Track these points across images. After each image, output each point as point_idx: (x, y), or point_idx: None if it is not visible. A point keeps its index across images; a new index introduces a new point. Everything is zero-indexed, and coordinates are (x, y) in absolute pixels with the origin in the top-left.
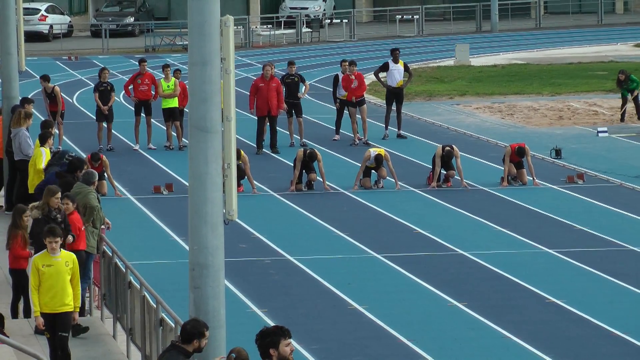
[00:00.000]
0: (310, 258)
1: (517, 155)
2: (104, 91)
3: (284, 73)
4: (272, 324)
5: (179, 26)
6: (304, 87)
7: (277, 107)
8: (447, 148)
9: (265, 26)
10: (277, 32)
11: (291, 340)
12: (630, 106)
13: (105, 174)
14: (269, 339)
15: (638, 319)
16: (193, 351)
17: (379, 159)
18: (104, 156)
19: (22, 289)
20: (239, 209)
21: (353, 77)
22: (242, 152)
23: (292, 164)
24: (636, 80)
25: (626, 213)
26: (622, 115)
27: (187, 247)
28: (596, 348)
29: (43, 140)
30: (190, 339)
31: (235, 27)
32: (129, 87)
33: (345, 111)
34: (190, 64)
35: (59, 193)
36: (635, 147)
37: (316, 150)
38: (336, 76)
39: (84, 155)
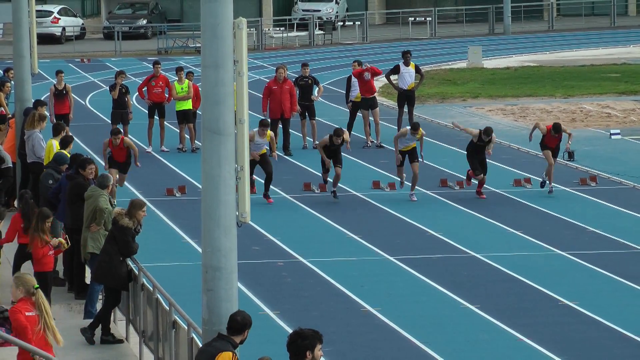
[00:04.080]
0: (323, 260)
1: (555, 132)
2: (119, 93)
3: (297, 75)
4: (285, 326)
5: (191, 28)
6: (318, 89)
7: (291, 110)
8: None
9: (277, 28)
10: (289, 34)
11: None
12: None
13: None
14: (307, 341)
15: None
16: (240, 342)
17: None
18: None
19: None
20: (251, 211)
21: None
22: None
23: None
24: None
25: (636, 214)
26: None
27: (200, 250)
28: (609, 350)
29: (56, 133)
30: (242, 330)
31: (248, 30)
32: (143, 90)
33: (359, 114)
34: (203, 66)
35: (145, 207)
36: None
37: (342, 129)
38: (349, 78)
39: (97, 158)
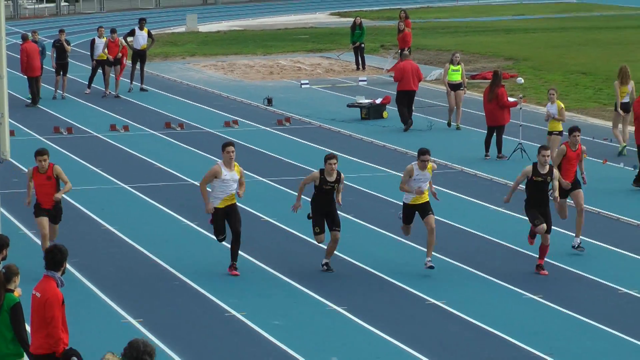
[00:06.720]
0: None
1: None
2: None
3: (55, 38)
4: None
5: None
6: (67, 48)
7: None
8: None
9: (30, 0)
10: (39, 5)
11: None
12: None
13: None
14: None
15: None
16: (0, 259)
17: None
18: None
19: None
20: (12, 149)
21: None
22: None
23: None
24: (363, 33)
25: (322, 148)
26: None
27: None
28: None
29: None
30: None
31: (5, 2)
32: None
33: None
34: None
35: None
36: (331, 95)
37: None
38: (92, 40)
39: None
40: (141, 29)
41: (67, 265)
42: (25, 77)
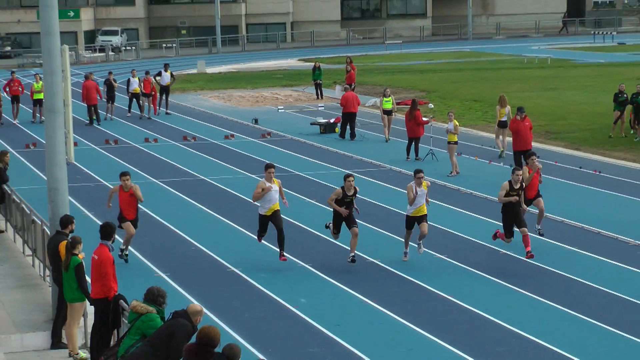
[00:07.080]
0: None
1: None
2: None
3: (106, 77)
4: (97, 220)
5: (37, 51)
6: (114, 85)
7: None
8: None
9: (87, 51)
10: (94, 54)
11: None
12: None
13: None
14: (110, 229)
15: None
16: (69, 232)
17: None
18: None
19: None
20: (75, 155)
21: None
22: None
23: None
24: (321, 73)
25: (293, 153)
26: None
27: (45, 178)
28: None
29: None
30: (66, 225)
31: (69, 52)
32: (6, 88)
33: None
34: (44, 73)
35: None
36: (299, 117)
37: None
38: (128, 79)
39: None
40: (166, 70)
41: (116, 236)
42: (85, 105)
